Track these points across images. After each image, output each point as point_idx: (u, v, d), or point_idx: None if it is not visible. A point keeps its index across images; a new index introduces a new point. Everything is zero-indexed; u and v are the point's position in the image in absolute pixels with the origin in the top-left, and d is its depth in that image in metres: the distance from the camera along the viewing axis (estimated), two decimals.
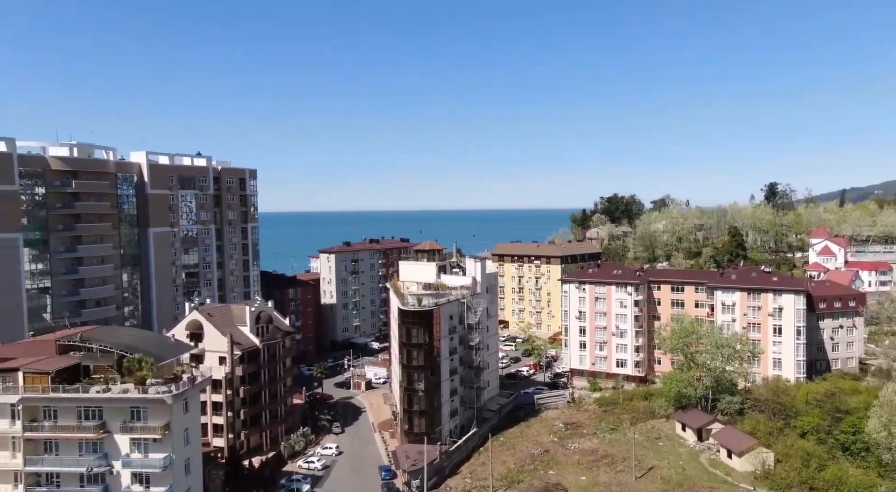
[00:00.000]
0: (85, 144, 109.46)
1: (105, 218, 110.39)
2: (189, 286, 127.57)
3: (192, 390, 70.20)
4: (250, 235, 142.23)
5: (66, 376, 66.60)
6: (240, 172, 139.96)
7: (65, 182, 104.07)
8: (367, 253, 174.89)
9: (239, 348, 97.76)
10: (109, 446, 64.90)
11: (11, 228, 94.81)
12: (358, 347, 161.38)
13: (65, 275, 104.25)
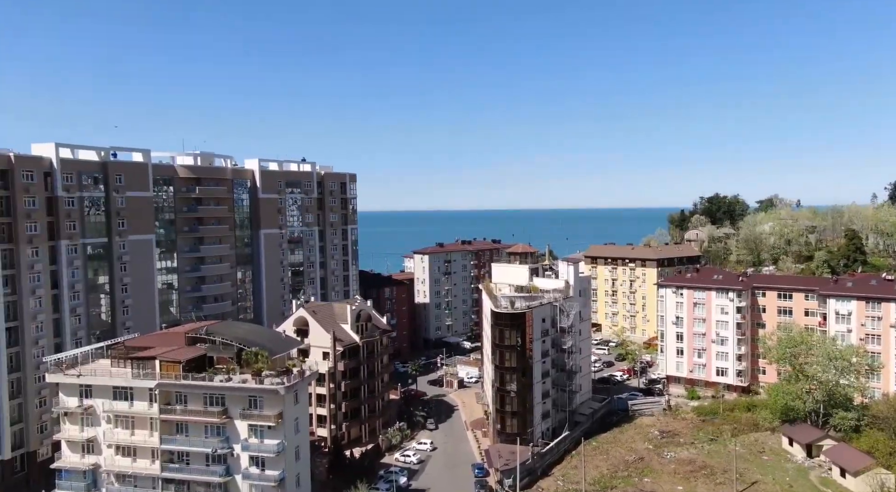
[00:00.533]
0: (206, 153, 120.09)
1: (223, 221, 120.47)
2: (294, 284, 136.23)
3: (302, 383, 75.76)
4: (350, 237, 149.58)
5: (195, 366, 73.84)
6: (341, 176, 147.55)
7: (190, 188, 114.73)
8: (460, 254, 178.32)
9: (341, 345, 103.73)
10: (230, 431, 71.41)
11: (147, 230, 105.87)
12: (450, 345, 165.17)
13: (189, 273, 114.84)
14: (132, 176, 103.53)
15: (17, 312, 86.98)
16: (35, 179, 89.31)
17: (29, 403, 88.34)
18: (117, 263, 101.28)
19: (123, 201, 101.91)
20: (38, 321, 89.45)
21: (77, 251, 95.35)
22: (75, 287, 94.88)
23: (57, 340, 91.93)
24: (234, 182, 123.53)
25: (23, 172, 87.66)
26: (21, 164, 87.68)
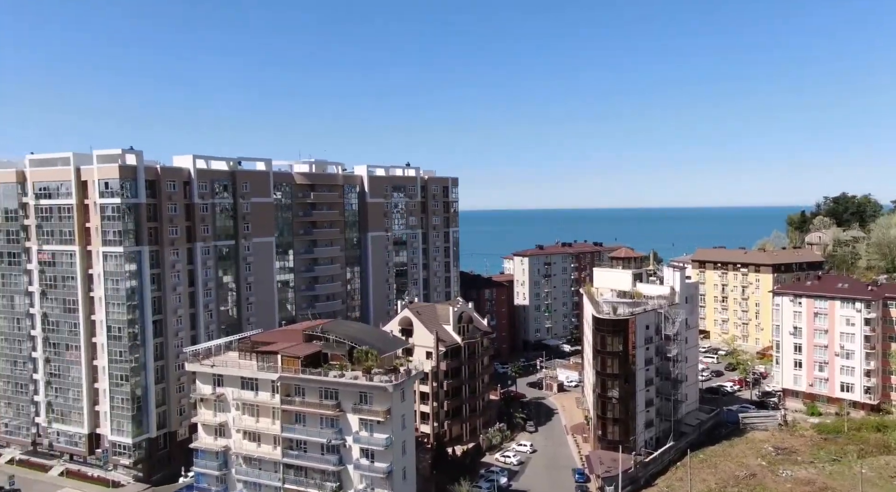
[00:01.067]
0: (320, 161, 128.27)
1: (334, 224, 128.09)
2: (398, 285, 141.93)
3: (409, 382, 79.58)
4: (451, 239, 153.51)
5: (311, 361, 79.71)
6: (443, 180, 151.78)
7: (305, 193, 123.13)
8: (560, 256, 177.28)
9: (443, 345, 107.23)
10: (343, 424, 76.51)
11: (268, 233, 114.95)
12: (549, 348, 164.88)
13: (304, 273, 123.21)
14: (256, 183, 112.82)
15: (162, 306, 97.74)
16: (176, 188, 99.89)
17: (170, 388, 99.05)
18: (243, 263, 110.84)
19: (248, 207, 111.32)
20: (178, 315, 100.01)
21: (210, 252, 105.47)
22: (208, 285, 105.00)
23: (192, 333, 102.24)
24: (345, 187, 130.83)
25: (167, 182, 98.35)
26: (166, 175, 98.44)
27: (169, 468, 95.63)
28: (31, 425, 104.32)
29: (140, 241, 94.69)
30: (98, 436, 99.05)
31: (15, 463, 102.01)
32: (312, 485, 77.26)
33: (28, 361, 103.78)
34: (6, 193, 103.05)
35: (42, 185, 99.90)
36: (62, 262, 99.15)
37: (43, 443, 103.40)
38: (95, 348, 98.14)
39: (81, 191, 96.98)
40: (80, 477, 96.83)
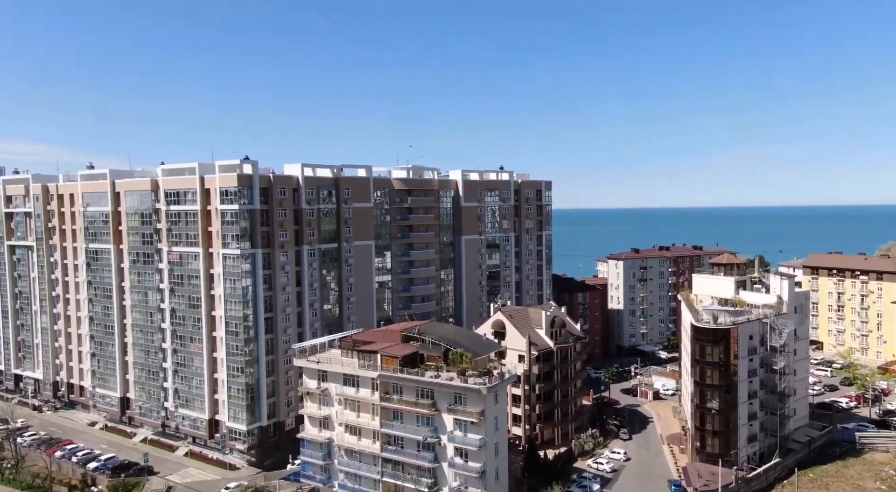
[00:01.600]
0: (417, 167, 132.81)
1: (430, 228, 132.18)
2: (491, 287, 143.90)
3: (502, 385, 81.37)
4: (544, 242, 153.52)
5: (409, 361, 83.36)
6: (537, 184, 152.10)
7: (402, 198, 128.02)
8: (657, 260, 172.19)
9: (535, 349, 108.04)
10: (438, 423, 79.53)
11: (368, 237, 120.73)
12: (644, 354, 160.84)
13: (400, 274, 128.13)
14: (357, 189, 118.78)
15: (272, 305, 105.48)
16: (286, 194, 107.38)
17: (279, 381, 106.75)
18: (344, 265, 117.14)
19: (350, 211, 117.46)
20: (287, 314, 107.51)
21: (315, 254, 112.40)
22: (313, 285, 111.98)
23: (299, 330, 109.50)
24: (440, 192, 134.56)
25: (279, 189, 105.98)
26: (277, 182, 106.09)
27: (278, 455, 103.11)
28: (161, 408, 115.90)
29: (254, 244, 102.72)
30: (217, 422, 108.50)
31: (147, 442, 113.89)
32: (409, 480, 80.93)
33: (159, 351, 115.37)
34: (143, 199, 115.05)
35: (172, 192, 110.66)
36: (188, 262, 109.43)
37: (170, 425, 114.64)
38: (215, 342, 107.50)
39: (205, 198, 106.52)
40: (202, 458, 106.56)
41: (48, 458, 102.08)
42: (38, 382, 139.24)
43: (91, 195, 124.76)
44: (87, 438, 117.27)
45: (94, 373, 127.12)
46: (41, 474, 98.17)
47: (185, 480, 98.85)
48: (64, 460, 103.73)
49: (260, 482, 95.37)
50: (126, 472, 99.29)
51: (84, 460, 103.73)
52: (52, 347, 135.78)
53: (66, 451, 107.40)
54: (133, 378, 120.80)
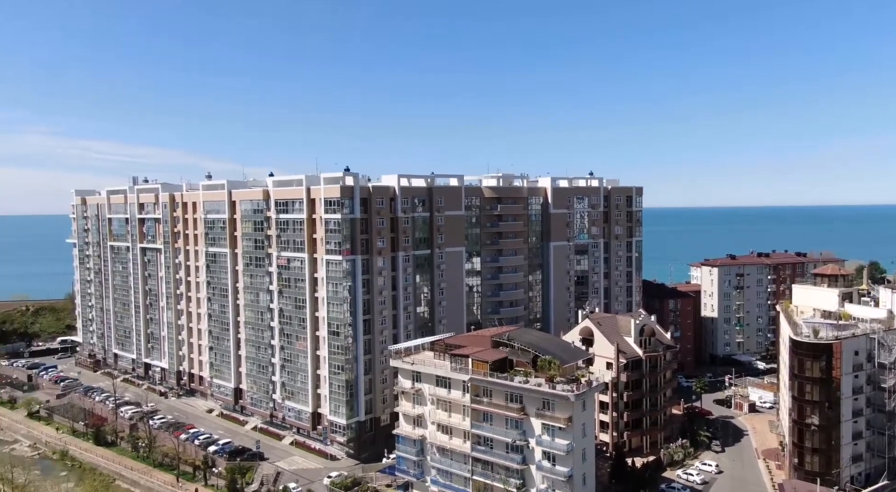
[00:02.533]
0: (507, 174, 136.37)
1: (518, 234, 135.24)
2: (579, 293, 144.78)
3: (589, 392, 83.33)
4: (634, 249, 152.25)
5: (498, 366, 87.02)
6: (627, 190, 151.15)
7: (492, 206, 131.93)
8: (755, 268, 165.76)
9: (624, 357, 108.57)
10: (527, 426, 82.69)
11: (458, 243, 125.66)
12: (740, 364, 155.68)
13: (489, 280, 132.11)
14: (449, 198, 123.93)
15: (370, 308, 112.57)
16: (384, 204, 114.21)
17: (376, 379, 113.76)
18: (436, 270, 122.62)
19: (442, 219, 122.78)
20: (383, 316, 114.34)
21: (409, 261, 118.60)
22: (407, 289, 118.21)
23: (394, 332, 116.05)
24: (529, 199, 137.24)
25: (377, 199, 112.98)
26: (376, 193, 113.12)
27: (374, 449, 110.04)
28: (270, 400, 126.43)
29: (354, 250, 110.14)
30: (319, 415, 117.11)
31: (257, 430, 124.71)
32: (498, 480, 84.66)
33: (268, 347, 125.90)
34: (255, 208, 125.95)
35: (281, 201, 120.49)
36: (294, 266, 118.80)
37: (278, 416, 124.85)
38: (318, 341, 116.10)
39: (310, 207, 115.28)
40: (305, 448, 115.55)
41: (175, 440, 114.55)
42: (164, 370, 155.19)
43: (210, 203, 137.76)
44: (206, 423, 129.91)
45: (212, 365, 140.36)
46: (169, 454, 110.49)
47: (292, 467, 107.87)
48: (188, 442, 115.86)
49: (358, 473, 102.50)
50: (241, 456, 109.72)
51: (205, 444, 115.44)
52: (176, 340, 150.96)
53: (189, 434, 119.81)
54: (245, 371, 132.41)
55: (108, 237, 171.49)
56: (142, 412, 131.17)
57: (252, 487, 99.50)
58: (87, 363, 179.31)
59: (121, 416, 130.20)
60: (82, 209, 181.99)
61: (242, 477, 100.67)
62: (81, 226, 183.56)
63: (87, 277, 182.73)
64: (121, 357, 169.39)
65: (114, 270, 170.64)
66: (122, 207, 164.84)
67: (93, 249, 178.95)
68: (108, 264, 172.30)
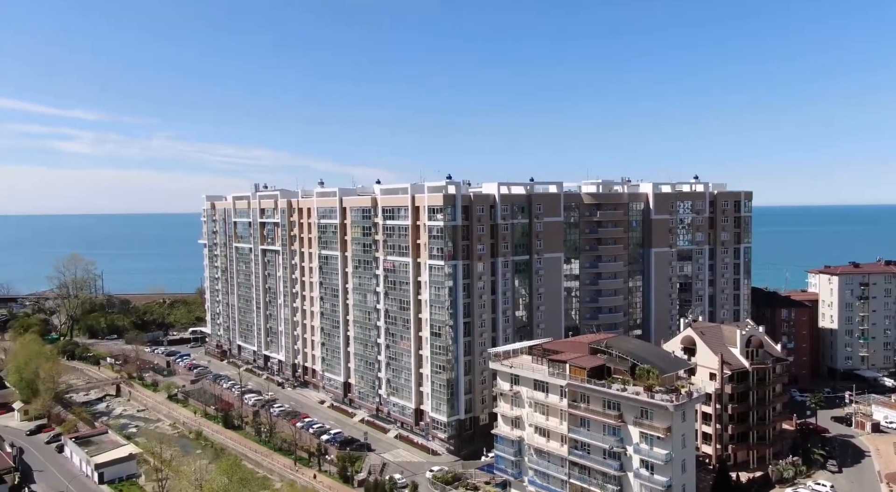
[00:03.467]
0: (606, 181, 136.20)
1: (618, 241, 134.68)
2: (681, 301, 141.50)
3: (689, 403, 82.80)
4: (742, 256, 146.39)
5: (596, 372, 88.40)
6: (735, 195, 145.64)
7: (591, 212, 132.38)
8: (882, 277, 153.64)
9: (728, 368, 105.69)
10: (624, 433, 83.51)
11: (557, 249, 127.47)
12: (863, 380, 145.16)
13: (588, 285, 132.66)
14: (548, 204, 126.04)
15: (470, 311, 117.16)
16: (484, 211, 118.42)
17: (475, 380, 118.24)
18: (535, 276, 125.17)
19: (541, 225, 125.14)
20: (482, 319, 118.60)
21: (508, 266, 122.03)
22: (506, 294, 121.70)
23: (493, 335, 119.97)
24: (629, 205, 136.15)
25: (477, 207, 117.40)
26: (476, 200, 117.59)
27: (473, 446, 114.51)
28: (376, 395, 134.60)
29: (456, 256, 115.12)
30: (421, 411, 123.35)
31: (364, 422, 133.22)
32: (595, 484, 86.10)
33: (374, 345, 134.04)
34: (364, 214, 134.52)
35: (388, 208, 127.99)
36: (399, 270, 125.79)
37: (383, 410, 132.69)
38: (421, 341, 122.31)
39: (415, 214, 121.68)
40: (408, 442, 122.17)
41: (292, 427, 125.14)
42: (281, 362, 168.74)
43: (323, 209, 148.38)
44: (318, 413, 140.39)
45: (323, 359, 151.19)
46: (287, 440, 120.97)
47: (397, 459, 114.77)
48: (303, 430, 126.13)
49: (458, 469, 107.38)
50: (350, 446, 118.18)
51: (318, 432, 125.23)
52: (292, 335, 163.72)
53: (304, 423, 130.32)
54: (353, 366, 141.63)
55: (233, 239, 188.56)
56: (263, 400, 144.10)
57: (361, 475, 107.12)
58: (214, 353, 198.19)
59: (245, 403, 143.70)
60: (211, 213, 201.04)
61: (352, 465, 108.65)
62: (210, 228, 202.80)
63: (214, 274, 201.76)
64: (243, 348, 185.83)
65: (238, 269, 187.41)
66: (246, 212, 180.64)
67: (220, 250, 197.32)
68: (232, 263, 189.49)
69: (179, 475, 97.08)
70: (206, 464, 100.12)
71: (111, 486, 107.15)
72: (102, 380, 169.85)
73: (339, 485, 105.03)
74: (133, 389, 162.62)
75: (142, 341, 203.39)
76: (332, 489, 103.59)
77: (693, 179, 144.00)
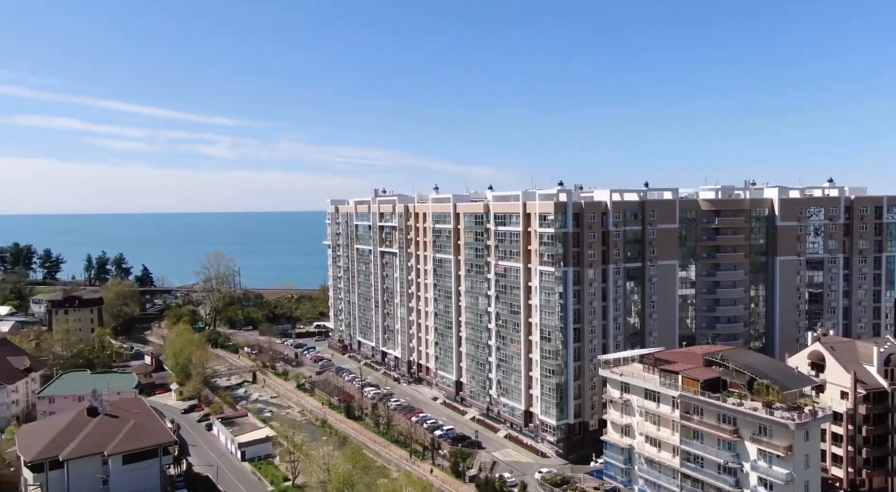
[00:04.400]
0: (726, 187, 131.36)
1: (739, 248, 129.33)
2: (811, 313, 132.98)
3: (814, 423, 79.31)
4: (884, 266, 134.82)
5: (710, 385, 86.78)
6: (876, 200, 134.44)
7: (709, 218, 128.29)
8: None
9: (863, 387, 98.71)
10: (741, 449, 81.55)
11: (672, 256, 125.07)
12: None
13: (704, 294, 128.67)
14: (662, 211, 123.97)
15: (580, 317, 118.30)
16: (595, 218, 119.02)
17: (585, 385, 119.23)
18: (648, 283, 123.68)
19: (654, 232, 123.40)
20: (592, 326, 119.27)
21: (619, 273, 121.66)
22: (616, 301, 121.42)
23: (603, 341, 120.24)
24: (752, 211, 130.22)
25: (588, 214, 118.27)
26: (588, 208, 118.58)
27: (582, 451, 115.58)
28: (486, 394, 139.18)
29: (566, 262, 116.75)
30: (531, 413, 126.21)
31: (475, 420, 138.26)
32: None
33: (485, 347, 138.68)
34: (477, 220, 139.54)
35: (499, 215, 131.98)
36: (510, 275, 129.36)
37: (493, 410, 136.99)
38: (531, 345, 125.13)
39: (526, 221, 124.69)
40: (517, 442, 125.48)
41: (408, 421, 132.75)
42: (397, 359, 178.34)
43: (437, 215, 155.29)
44: (431, 409, 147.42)
45: (437, 358, 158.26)
46: (403, 433, 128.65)
47: (506, 458, 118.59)
48: (417, 424, 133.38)
49: (567, 473, 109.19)
50: (462, 442, 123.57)
51: (431, 427, 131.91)
52: (407, 333, 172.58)
53: (418, 417, 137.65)
54: (465, 366, 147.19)
55: (354, 241, 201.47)
56: (381, 394, 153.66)
57: (472, 471, 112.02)
58: (336, 347, 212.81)
59: (365, 395, 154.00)
60: (335, 216, 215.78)
61: (464, 461, 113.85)
62: (334, 230, 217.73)
63: (337, 273, 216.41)
64: (363, 344, 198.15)
65: (358, 269, 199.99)
66: (366, 216, 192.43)
67: (342, 251, 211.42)
68: (354, 264, 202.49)
69: (309, 459, 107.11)
70: (331, 450, 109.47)
71: (251, 464, 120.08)
72: (241, 367, 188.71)
73: (451, 479, 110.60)
74: (267, 376, 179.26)
75: (273, 333, 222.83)
76: (446, 483, 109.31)
77: (826, 183, 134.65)
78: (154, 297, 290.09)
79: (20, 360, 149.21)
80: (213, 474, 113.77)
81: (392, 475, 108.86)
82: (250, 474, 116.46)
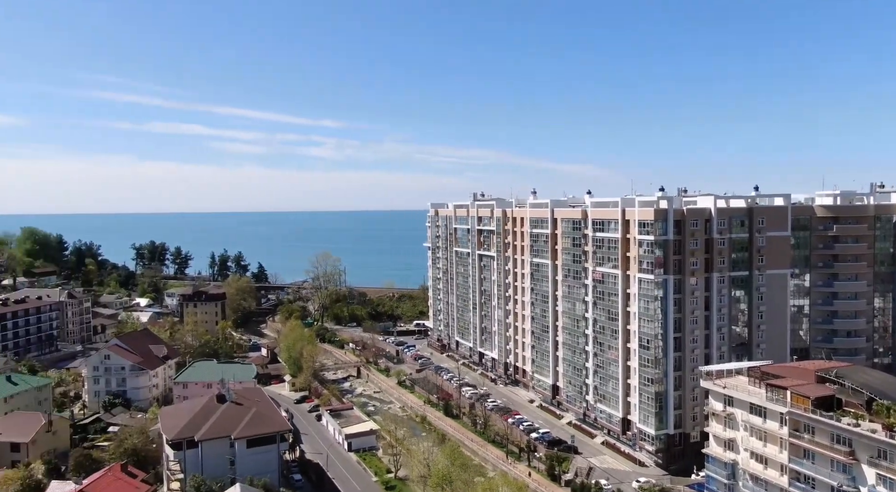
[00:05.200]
0: (846, 192, 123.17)
1: (860, 258, 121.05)
2: None
3: None
4: None
5: (822, 403, 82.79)
6: None
7: (826, 226, 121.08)
8: None
9: None
10: (857, 472, 77.30)
11: (783, 266, 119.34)
12: None
13: (820, 306, 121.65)
14: (772, 218, 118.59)
15: (681, 326, 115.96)
16: (698, 225, 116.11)
17: (686, 396, 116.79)
18: (755, 293, 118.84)
19: (763, 240, 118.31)
20: (694, 335, 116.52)
21: (724, 282, 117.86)
22: (721, 311, 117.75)
23: (706, 351, 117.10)
24: (876, 218, 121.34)
25: (691, 221, 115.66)
26: (690, 215, 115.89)
27: (682, 463, 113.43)
28: (583, 400, 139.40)
29: (667, 270, 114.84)
30: (628, 421, 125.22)
31: (571, 425, 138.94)
32: None
33: (582, 352, 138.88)
34: (574, 226, 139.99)
35: (597, 221, 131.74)
36: (608, 281, 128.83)
37: (590, 416, 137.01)
38: (629, 352, 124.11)
39: (625, 227, 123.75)
40: (614, 449, 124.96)
41: (504, 423, 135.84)
42: (494, 360, 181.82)
43: (535, 220, 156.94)
44: (527, 411, 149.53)
45: (533, 361, 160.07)
46: (500, 433, 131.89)
47: (603, 465, 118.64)
48: (514, 426, 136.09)
49: (666, 484, 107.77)
50: (558, 446, 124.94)
51: (527, 430, 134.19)
52: (504, 335, 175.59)
53: (515, 419, 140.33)
54: (562, 370, 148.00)
55: (453, 243, 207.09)
56: (478, 394, 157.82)
57: (567, 475, 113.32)
58: (435, 345, 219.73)
59: (462, 395, 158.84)
60: (435, 219, 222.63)
61: (559, 465, 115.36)
62: (434, 233, 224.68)
63: (437, 275, 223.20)
64: (461, 344, 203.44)
65: (457, 270, 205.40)
66: (465, 219, 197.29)
67: (441, 252, 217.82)
68: (452, 266, 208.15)
69: (410, 454, 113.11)
70: (430, 446, 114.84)
71: (357, 454, 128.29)
72: (346, 362, 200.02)
73: (547, 482, 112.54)
74: (370, 372, 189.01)
75: (376, 331, 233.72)
76: (542, 486, 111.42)
77: None
78: (268, 293, 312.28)
79: (159, 348, 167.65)
80: (322, 461, 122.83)
81: (489, 475, 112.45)
82: (356, 464, 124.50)
